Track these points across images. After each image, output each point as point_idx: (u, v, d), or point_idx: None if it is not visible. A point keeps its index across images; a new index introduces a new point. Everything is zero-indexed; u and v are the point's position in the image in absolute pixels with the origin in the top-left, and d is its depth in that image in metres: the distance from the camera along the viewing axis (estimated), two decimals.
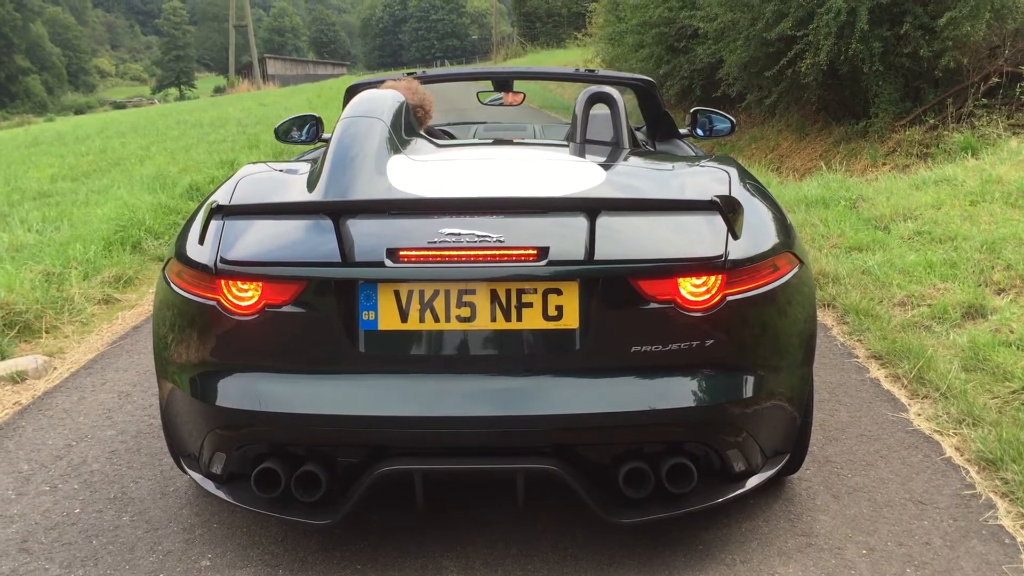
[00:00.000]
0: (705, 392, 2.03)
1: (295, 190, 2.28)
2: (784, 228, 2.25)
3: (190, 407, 2.14)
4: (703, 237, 2.02)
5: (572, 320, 1.98)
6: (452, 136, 3.84)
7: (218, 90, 62.55)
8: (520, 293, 1.97)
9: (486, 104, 4.59)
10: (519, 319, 1.98)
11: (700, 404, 2.01)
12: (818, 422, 2.93)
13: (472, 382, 2.01)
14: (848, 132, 9.65)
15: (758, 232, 2.13)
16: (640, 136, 3.78)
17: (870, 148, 9.00)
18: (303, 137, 3.82)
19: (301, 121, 3.84)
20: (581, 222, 1.97)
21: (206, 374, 2.10)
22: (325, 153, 2.32)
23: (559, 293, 1.98)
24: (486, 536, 2.32)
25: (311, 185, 2.24)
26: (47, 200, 8.13)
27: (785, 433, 2.24)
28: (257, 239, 2.06)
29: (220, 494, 2.18)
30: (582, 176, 2.30)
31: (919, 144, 8.44)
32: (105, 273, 5.13)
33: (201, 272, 2.07)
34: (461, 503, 2.45)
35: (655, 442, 2.06)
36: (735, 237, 2.01)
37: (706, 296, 2.00)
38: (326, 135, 3.72)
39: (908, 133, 8.68)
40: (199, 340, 2.09)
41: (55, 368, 3.85)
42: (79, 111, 57.82)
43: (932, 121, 8.57)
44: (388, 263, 1.96)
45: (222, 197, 2.28)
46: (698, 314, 1.99)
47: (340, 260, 1.96)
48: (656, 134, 4.04)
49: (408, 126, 2.65)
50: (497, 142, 3.22)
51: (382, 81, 3.44)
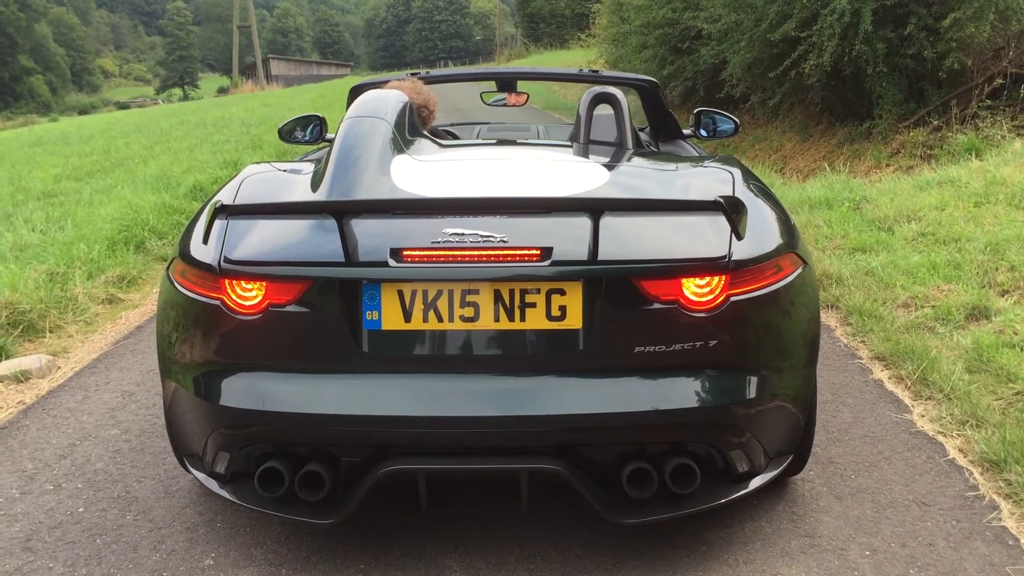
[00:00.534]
0: (709, 393, 2.02)
1: (299, 190, 2.28)
2: (788, 229, 2.25)
3: (194, 406, 2.14)
4: (707, 238, 2.02)
5: (576, 320, 1.98)
6: (456, 136, 3.84)
7: (222, 90, 62.55)
8: (524, 293, 1.97)
9: (490, 105, 4.60)
10: (523, 319, 1.98)
11: (704, 405, 2.01)
12: (821, 423, 2.92)
13: (475, 382, 2.01)
14: (852, 133, 9.63)
15: (762, 233, 2.13)
16: (644, 137, 3.78)
17: (874, 149, 8.99)
18: (307, 137, 3.82)
19: (305, 121, 3.83)
20: (585, 222, 1.97)
21: (210, 373, 2.10)
22: (329, 153, 2.32)
23: (563, 293, 1.98)
24: (489, 536, 2.32)
25: (315, 185, 2.24)
26: (51, 200, 8.14)
27: (788, 434, 2.23)
28: (261, 239, 2.06)
29: (224, 493, 2.18)
30: (586, 176, 2.30)
31: (923, 145, 8.43)
32: (109, 273, 5.15)
33: (205, 272, 2.07)
34: (464, 503, 2.45)
35: (659, 442, 2.06)
36: (739, 238, 2.01)
37: (710, 297, 2.00)
38: (330, 135, 3.72)
39: (912, 134, 8.67)
40: (203, 340, 2.09)
41: (59, 367, 3.85)
42: (83, 111, 57.87)
43: (936, 122, 8.56)
44: (392, 263, 1.96)
45: (226, 197, 2.28)
46: (702, 315, 1.99)
47: (344, 260, 1.96)
48: (660, 135, 4.04)
49: (412, 126, 2.65)
50: (501, 142, 3.22)
51: (386, 81, 3.45)
